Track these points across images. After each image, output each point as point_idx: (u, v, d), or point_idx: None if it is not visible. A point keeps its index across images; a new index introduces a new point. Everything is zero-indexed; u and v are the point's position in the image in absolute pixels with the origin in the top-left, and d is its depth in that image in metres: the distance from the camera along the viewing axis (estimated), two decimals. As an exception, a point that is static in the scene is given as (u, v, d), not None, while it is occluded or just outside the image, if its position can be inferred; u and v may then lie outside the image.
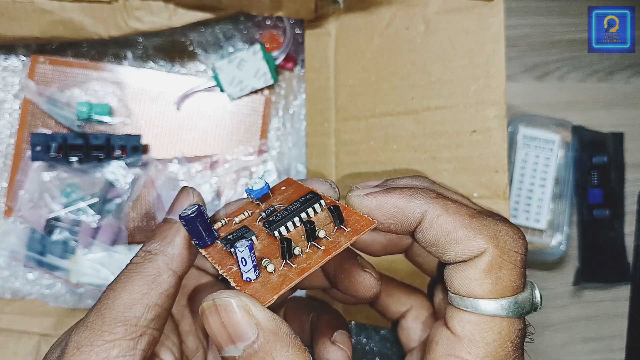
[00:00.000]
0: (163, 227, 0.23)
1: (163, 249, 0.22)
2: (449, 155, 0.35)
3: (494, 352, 0.19)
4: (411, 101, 0.37)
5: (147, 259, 0.21)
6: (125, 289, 0.20)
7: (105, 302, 0.20)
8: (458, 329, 0.19)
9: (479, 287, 0.19)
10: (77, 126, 0.44)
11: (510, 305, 0.19)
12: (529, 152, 0.49)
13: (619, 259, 0.51)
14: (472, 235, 0.19)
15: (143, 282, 0.20)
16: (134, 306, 0.20)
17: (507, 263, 0.19)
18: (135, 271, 0.21)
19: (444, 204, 0.20)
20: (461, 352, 0.19)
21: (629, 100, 0.52)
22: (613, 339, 0.50)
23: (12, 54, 0.45)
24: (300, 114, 0.46)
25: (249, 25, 0.46)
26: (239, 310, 0.18)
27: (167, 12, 0.40)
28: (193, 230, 0.21)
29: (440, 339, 0.20)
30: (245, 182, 0.45)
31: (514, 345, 0.19)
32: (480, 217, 0.20)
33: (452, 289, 0.20)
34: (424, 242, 0.21)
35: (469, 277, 0.19)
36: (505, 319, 0.19)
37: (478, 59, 0.34)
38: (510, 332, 0.19)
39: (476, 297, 0.19)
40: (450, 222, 0.19)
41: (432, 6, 0.36)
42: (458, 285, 0.20)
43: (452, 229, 0.19)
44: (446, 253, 0.20)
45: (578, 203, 0.50)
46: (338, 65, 0.40)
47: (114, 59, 0.46)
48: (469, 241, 0.19)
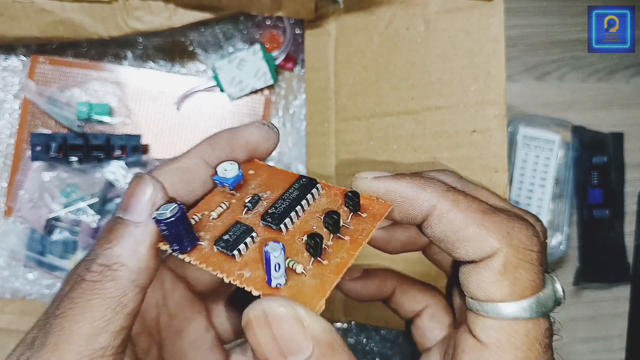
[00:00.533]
0: (120, 231, 0.18)
1: (126, 261, 0.18)
2: (449, 155, 0.35)
3: (524, 357, 0.18)
4: (411, 101, 0.37)
5: (107, 276, 0.18)
6: (85, 317, 0.17)
7: (60, 333, 0.17)
8: (483, 336, 0.18)
9: (497, 290, 0.18)
10: (77, 126, 0.44)
11: (532, 306, 0.18)
12: (529, 152, 0.49)
13: (619, 259, 0.50)
14: (484, 234, 0.18)
15: (106, 306, 0.17)
16: (98, 336, 0.17)
17: (523, 262, 0.18)
18: (95, 292, 0.17)
19: (454, 198, 0.19)
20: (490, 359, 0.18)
21: (629, 100, 0.52)
22: (613, 339, 0.50)
23: (12, 54, 0.45)
24: (300, 114, 0.46)
25: (249, 25, 0.46)
26: (294, 321, 0.16)
27: (167, 12, 0.40)
28: (173, 235, 0.18)
29: (467, 347, 0.19)
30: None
31: (543, 346, 0.18)
32: (493, 214, 0.19)
33: (470, 294, 0.19)
34: (432, 237, 0.19)
35: (484, 280, 0.18)
36: (530, 320, 0.18)
37: (478, 59, 0.34)
38: (537, 333, 0.18)
39: (495, 301, 0.18)
40: (460, 218, 0.18)
41: (432, 6, 0.36)
42: (474, 289, 0.19)
43: (463, 225, 0.18)
44: (456, 250, 0.19)
45: (578, 203, 0.50)
46: (338, 65, 0.40)
47: (114, 59, 0.46)
48: (480, 240, 0.18)
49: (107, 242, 0.18)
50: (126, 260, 0.18)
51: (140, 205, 0.19)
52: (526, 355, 0.18)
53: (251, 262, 0.18)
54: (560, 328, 0.20)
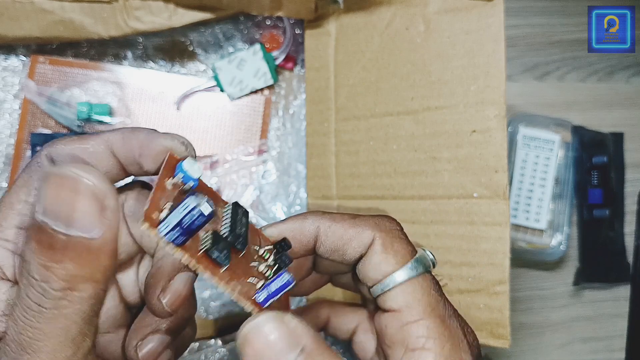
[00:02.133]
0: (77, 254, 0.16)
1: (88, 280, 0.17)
2: (449, 155, 0.35)
3: (427, 302, 0.22)
4: (411, 101, 0.37)
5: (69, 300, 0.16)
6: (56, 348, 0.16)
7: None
8: (394, 305, 0.22)
9: (387, 265, 0.23)
10: (77, 126, 0.44)
11: (414, 266, 0.23)
12: (529, 152, 0.49)
13: (619, 259, 0.50)
14: (360, 230, 0.23)
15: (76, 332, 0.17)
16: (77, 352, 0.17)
17: (394, 239, 0.23)
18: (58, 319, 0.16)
19: (330, 217, 0.24)
20: (407, 318, 0.22)
21: (629, 100, 0.52)
22: (613, 339, 0.50)
23: (12, 54, 0.45)
24: (300, 114, 0.46)
25: (249, 25, 0.46)
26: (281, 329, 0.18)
27: (167, 12, 0.40)
28: (184, 226, 0.18)
29: (386, 321, 0.23)
30: (246, 183, 0.45)
31: (437, 292, 0.23)
32: (360, 216, 0.24)
33: (371, 281, 0.23)
34: (326, 253, 0.24)
35: (375, 262, 0.23)
36: (418, 277, 0.23)
37: (478, 59, 0.34)
38: (428, 284, 0.23)
39: (389, 274, 0.22)
40: (340, 227, 0.23)
41: (432, 6, 0.36)
42: (373, 274, 0.23)
43: (344, 231, 0.23)
44: (347, 253, 0.23)
45: (578, 203, 0.50)
46: (338, 65, 0.40)
47: (114, 59, 0.46)
48: (359, 235, 0.23)
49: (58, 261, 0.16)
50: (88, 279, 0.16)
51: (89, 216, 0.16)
52: (428, 302, 0.22)
53: (235, 276, 0.20)
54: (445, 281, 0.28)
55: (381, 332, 0.23)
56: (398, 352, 0.22)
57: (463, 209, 0.34)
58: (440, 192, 0.35)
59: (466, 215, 0.34)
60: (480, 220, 0.34)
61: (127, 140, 0.20)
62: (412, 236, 0.36)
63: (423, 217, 0.36)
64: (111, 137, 0.20)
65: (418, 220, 0.36)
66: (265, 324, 0.18)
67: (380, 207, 0.38)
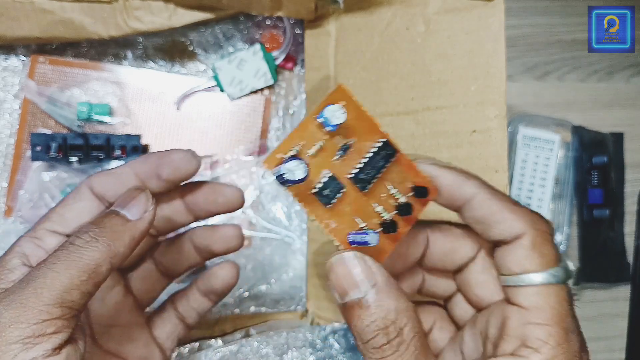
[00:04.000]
0: (114, 220, 0.23)
1: (111, 242, 0.22)
2: (449, 155, 0.35)
3: (558, 312, 0.22)
4: (411, 101, 0.37)
5: (93, 247, 0.21)
6: (67, 272, 0.21)
7: (43, 280, 0.20)
8: (525, 302, 0.23)
9: (530, 263, 0.23)
10: (77, 126, 0.44)
11: (557, 274, 0.23)
12: (529, 152, 0.49)
13: (619, 259, 0.50)
14: (515, 218, 0.23)
15: (84, 270, 0.21)
16: (72, 290, 0.20)
17: (545, 241, 0.23)
18: (78, 256, 0.21)
19: (492, 191, 0.24)
20: (534, 319, 0.22)
21: (629, 100, 0.52)
22: (613, 339, 0.50)
23: (12, 54, 0.45)
24: (300, 114, 0.46)
25: (249, 25, 0.46)
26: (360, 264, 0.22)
27: (167, 12, 0.40)
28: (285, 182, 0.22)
29: (511, 313, 0.23)
30: (246, 183, 0.45)
31: (569, 304, 0.23)
32: (520, 206, 0.24)
33: (508, 271, 0.24)
34: (471, 219, 0.25)
35: (519, 255, 0.23)
36: (556, 285, 0.23)
37: (478, 59, 0.34)
38: (564, 294, 0.23)
39: (529, 272, 0.23)
40: (497, 204, 0.24)
41: (432, 6, 0.36)
42: (512, 265, 0.23)
43: (498, 210, 0.24)
44: (492, 230, 0.24)
45: (578, 203, 0.50)
46: (338, 65, 0.40)
47: (114, 59, 0.46)
48: (512, 222, 0.23)
49: (101, 224, 0.22)
50: (110, 241, 0.22)
51: (137, 207, 0.24)
52: (559, 312, 0.22)
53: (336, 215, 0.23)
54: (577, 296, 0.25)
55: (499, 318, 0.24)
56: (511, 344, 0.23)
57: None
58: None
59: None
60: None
61: (146, 161, 0.27)
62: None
63: (423, 217, 0.36)
64: (135, 163, 0.27)
65: (418, 220, 0.36)
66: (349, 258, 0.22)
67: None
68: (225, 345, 0.40)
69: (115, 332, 0.29)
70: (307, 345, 0.41)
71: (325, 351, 0.41)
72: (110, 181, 0.26)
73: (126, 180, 0.26)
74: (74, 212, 0.25)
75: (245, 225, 0.45)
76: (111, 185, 0.26)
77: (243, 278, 0.45)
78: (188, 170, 0.27)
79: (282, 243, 0.45)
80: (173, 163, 0.26)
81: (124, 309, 0.30)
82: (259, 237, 0.45)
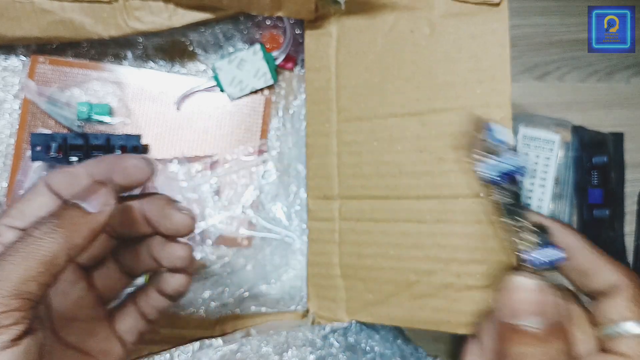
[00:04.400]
0: (73, 215, 0.23)
1: (69, 234, 0.22)
2: (455, 156, 0.35)
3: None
4: (416, 103, 0.37)
5: (51, 239, 0.22)
6: (24, 265, 0.21)
7: (2, 273, 0.21)
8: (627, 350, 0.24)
9: (630, 313, 0.25)
10: (77, 126, 0.44)
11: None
12: (529, 152, 0.49)
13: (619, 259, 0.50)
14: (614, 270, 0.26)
15: (41, 261, 0.21)
16: (29, 282, 0.21)
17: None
18: (35, 248, 0.21)
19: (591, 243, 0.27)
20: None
21: (629, 100, 0.52)
22: (613, 338, 0.50)
23: (12, 54, 0.45)
24: (300, 114, 0.46)
25: (249, 25, 0.46)
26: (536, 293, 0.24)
27: (167, 12, 0.40)
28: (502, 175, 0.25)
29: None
30: (246, 183, 0.45)
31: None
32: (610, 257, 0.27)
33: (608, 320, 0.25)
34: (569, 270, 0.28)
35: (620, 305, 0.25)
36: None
37: (483, 62, 0.34)
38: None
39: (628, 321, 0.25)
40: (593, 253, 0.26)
41: (437, 10, 0.36)
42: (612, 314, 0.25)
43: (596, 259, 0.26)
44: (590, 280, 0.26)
45: (578, 203, 0.50)
46: (340, 66, 0.40)
47: (114, 59, 0.46)
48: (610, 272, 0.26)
49: (59, 216, 0.23)
50: (69, 233, 0.22)
51: (97, 200, 0.24)
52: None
53: None
54: None
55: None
56: None
57: (469, 209, 0.34)
58: (446, 192, 0.35)
59: (473, 215, 0.34)
60: (486, 219, 0.34)
61: (101, 163, 0.27)
62: (418, 235, 0.37)
63: (429, 216, 0.36)
64: (90, 164, 0.28)
65: (423, 220, 0.36)
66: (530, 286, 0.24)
67: (385, 207, 0.38)
68: (226, 345, 0.40)
69: (76, 325, 0.29)
70: (307, 344, 0.41)
71: (325, 350, 0.41)
72: (66, 179, 0.26)
73: (81, 180, 0.27)
74: (33, 208, 0.25)
75: (245, 225, 0.45)
76: (67, 183, 0.26)
77: (243, 278, 0.45)
78: (140, 177, 0.27)
79: (282, 243, 0.45)
80: (126, 170, 0.27)
81: (86, 304, 0.30)
82: (259, 237, 0.45)
